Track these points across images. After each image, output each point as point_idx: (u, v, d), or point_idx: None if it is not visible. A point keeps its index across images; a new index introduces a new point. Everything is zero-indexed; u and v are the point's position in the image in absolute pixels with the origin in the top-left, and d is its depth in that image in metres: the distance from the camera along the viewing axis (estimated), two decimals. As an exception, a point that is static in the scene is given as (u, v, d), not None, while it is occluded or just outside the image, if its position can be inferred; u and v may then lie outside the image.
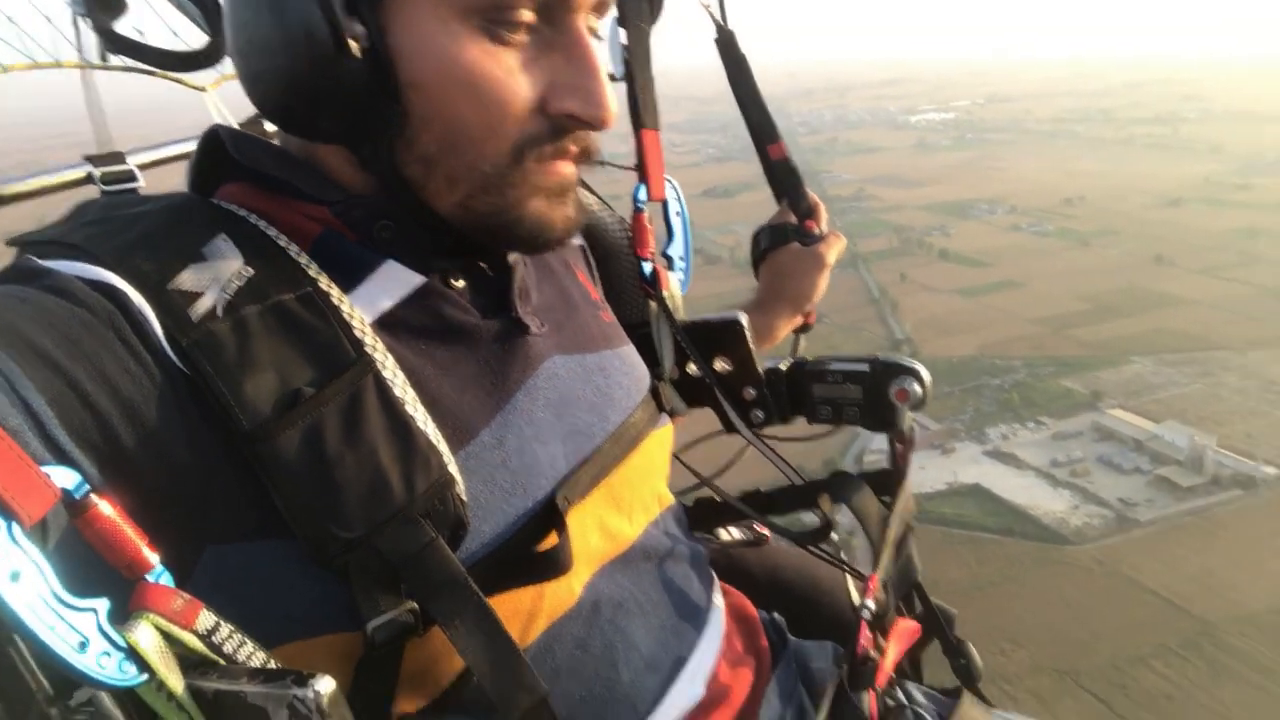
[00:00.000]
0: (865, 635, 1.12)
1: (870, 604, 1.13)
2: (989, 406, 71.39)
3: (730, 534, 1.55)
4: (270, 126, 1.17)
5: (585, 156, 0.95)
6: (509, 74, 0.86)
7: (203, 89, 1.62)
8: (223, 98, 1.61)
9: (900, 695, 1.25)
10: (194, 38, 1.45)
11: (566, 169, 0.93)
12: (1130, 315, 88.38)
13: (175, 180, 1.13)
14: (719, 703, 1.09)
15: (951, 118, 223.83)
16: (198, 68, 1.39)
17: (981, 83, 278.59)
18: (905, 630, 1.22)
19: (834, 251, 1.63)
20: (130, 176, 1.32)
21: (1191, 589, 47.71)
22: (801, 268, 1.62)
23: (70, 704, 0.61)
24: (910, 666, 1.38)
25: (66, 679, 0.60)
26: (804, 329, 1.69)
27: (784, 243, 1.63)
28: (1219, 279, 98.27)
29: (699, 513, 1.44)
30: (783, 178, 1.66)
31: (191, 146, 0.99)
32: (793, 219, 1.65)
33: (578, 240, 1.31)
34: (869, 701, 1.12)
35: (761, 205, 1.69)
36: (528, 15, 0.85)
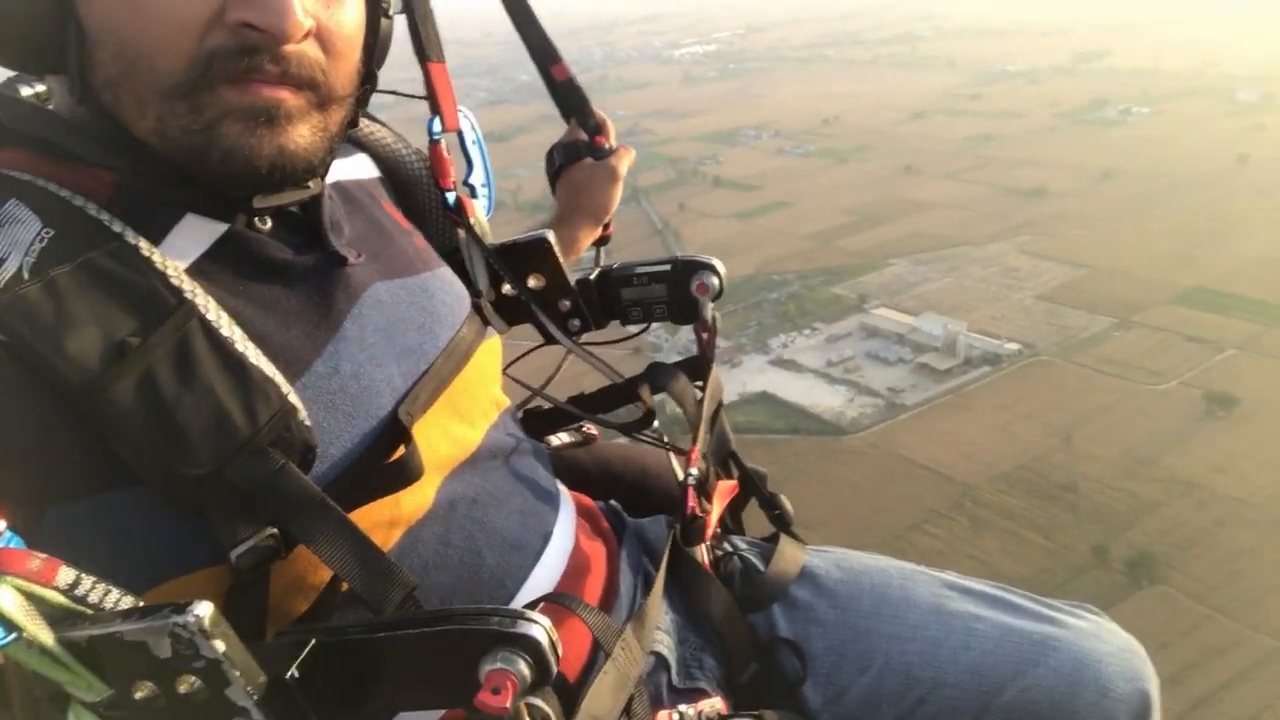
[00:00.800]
0: (692, 498, 1.25)
1: (694, 471, 1.27)
2: (769, 319, 75.58)
3: (560, 439, 1.64)
4: (27, 90, 1.13)
5: (292, 80, 0.90)
6: None
7: None
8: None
9: (727, 546, 1.41)
10: None
11: (269, 91, 0.89)
12: (887, 222, 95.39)
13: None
14: (582, 573, 1.18)
15: (714, 49, 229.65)
16: None
17: (738, 15, 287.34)
18: (725, 489, 1.38)
19: (625, 163, 1.70)
20: None
21: (953, 458, 53.21)
22: (597, 181, 1.68)
23: None
24: (733, 523, 1.54)
25: None
26: (603, 241, 1.76)
27: (577, 159, 1.69)
28: (960, 182, 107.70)
29: (529, 424, 1.51)
30: (569, 97, 1.70)
31: None
32: (583, 136, 1.71)
33: (375, 172, 1.33)
34: (701, 554, 1.28)
35: (538, 147, 1.81)
36: None
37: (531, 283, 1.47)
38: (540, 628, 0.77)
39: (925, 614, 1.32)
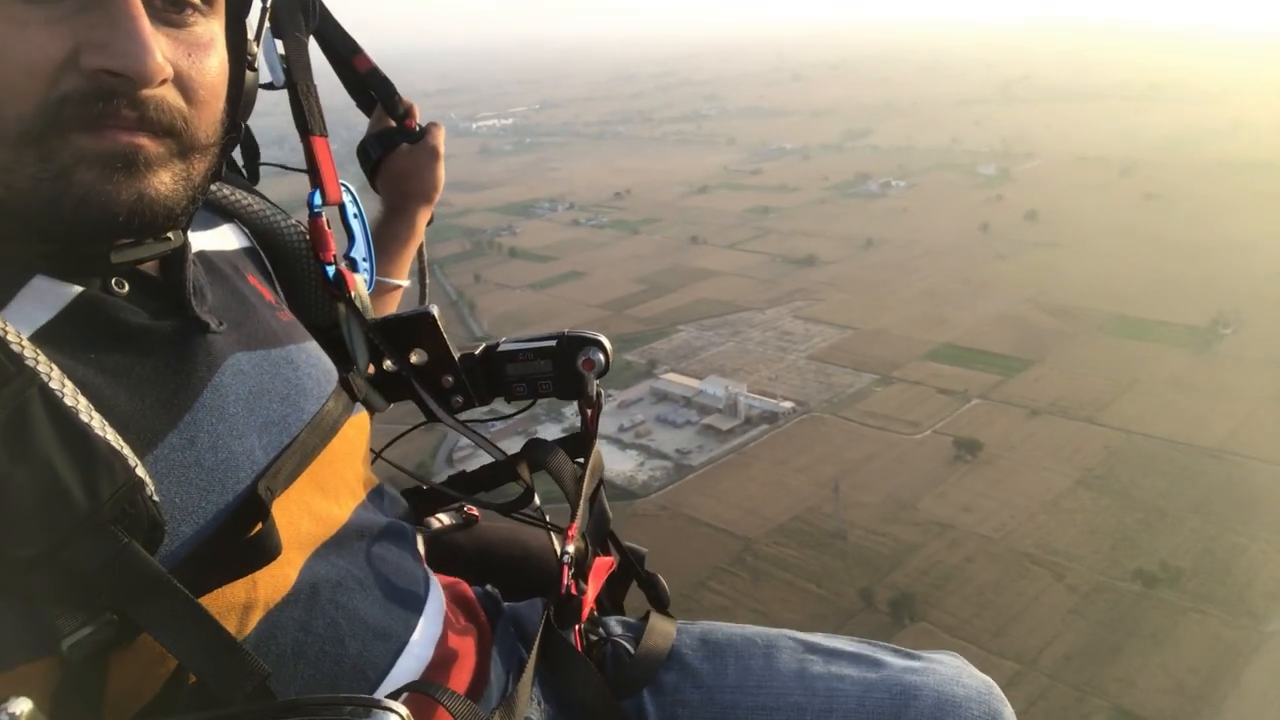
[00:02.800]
0: (567, 577, 1.22)
1: (570, 549, 1.24)
2: (563, 388, 76.51)
3: (440, 521, 1.61)
4: None
5: (150, 126, 0.87)
6: (20, 28, 0.79)
7: None
8: None
9: (601, 631, 1.39)
10: None
11: (126, 137, 0.85)
12: (675, 290, 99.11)
13: None
14: (451, 662, 1.15)
15: (510, 123, 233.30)
16: None
17: (533, 91, 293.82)
18: (602, 566, 1.35)
19: (441, 138, 1.71)
20: None
21: (735, 514, 55.44)
22: (421, 163, 1.69)
23: None
24: (612, 604, 1.54)
25: None
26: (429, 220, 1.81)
27: (394, 146, 1.69)
28: (741, 251, 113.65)
29: (407, 504, 1.48)
30: (376, 85, 1.69)
31: None
32: (391, 123, 1.71)
33: (244, 242, 1.30)
34: (576, 636, 1.25)
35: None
36: None
37: (413, 358, 1.45)
38: (396, 716, 0.73)
39: (788, 681, 1.31)
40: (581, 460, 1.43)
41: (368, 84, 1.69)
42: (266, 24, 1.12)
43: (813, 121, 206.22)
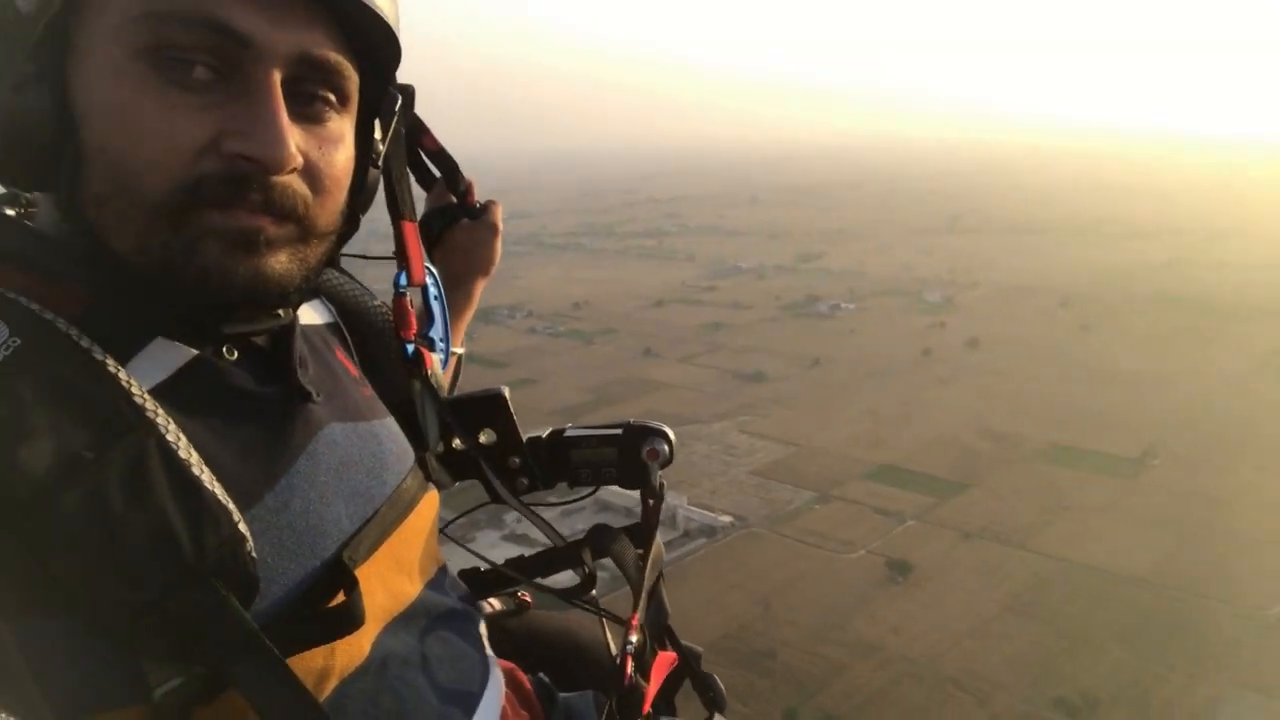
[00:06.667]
0: (630, 668, 1.18)
1: (633, 640, 1.20)
2: (505, 494, 76.16)
3: (493, 605, 1.60)
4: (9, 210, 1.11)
5: (274, 209, 0.92)
6: (171, 110, 0.85)
7: None
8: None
9: None
10: None
11: (250, 219, 0.90)
12: (625, 401, 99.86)
13: None
14: None
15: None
16: None
17: (503, 201, 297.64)
18: (663, 662, 1.32)
19: (500, 216, 1.78)
20: None
21: (667, 630, 55.11)
22: (480, 238, 1.76)
23: None
24: (665, 704, 1.47)
25: None
26: None
27: (455, 221, 1.75)
28: (693, 365, 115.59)
29: (463, 584, 1.48)
30: (442, 164, 1.75)
31: None
32: (452, 199, 1.77)
33: (330, 318, 1.32)
34: None
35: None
36: (205, 60, 0.86)
37: (482, 438, 1.48)
38: None
39: None
40: (643, 551, 1.41)
41: (433, 161, 1.76)
42: (393, 124, 1.19)
43: (769, 243, 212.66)
